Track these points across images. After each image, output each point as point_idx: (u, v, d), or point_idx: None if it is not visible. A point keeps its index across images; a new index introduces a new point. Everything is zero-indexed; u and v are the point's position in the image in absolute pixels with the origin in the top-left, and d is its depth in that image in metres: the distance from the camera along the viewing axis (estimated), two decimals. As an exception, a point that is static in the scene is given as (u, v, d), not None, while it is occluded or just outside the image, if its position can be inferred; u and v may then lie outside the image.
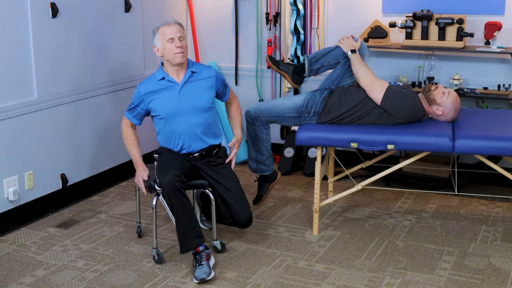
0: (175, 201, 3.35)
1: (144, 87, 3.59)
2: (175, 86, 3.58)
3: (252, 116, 3.92)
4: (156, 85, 3.58)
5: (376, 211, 4.30)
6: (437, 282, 3.32)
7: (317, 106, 3.83)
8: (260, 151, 3.98)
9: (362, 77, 3.79)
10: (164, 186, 3.36)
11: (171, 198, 3.36)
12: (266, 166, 4.01)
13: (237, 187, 3.61)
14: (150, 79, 3.63)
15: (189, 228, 3.36)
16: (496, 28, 4.47)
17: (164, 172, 3.44)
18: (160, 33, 3.54)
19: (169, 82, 3.58)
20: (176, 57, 3.51)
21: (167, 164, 3.52)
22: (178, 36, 3.52)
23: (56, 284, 3.29)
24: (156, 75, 3.61)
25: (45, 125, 4.13)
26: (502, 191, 4.63)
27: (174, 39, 3.50)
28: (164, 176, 3.39)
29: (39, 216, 4.16)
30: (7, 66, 3.82)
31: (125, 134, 3.68)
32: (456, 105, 3.84)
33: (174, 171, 3.41)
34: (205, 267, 3.31)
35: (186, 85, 3.59)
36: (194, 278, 3.30)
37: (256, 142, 3.97)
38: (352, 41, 3.89)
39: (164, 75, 3.58)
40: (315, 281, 3.33)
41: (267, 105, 3.93)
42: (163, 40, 3.53)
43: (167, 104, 3.56)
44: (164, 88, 3.58)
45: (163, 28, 3.54)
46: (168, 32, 3.52)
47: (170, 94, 3.57)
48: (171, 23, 3.56)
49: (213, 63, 5.45)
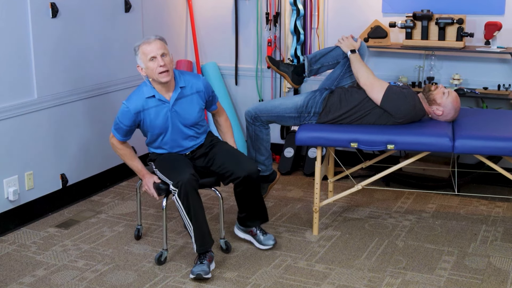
0: (193, 200, 3.31)
1: (133, 106, 3.41)
2: (165, 104, 3.45)
3: (252, 116, 3.92)
4: (145, 103, 3.42)
5: (376, 211, 4.30)
6: (437, 282, 3.32)
7: (317, 106, 3.83)
8: (260, 151, 3.98)
9: (362, 77, 3.79)
10: (182, 186, 3.29)
11: (188, 197, 3.30)
12: (266, 166, 4.01)
13: (233, 148, 3.65)
14: (138, 95, 3.44)
15: (206, 228, 3.38)
16: (496, 28, 4.47)
17: (178, 171, 3.37)
18: (141, 53, 3.38)
19: (159, 100, 3.45)
20: (161, 77, 3.36)
21: (176, 164, 3.46)
22: (160, 53, 3.35)
23: (56, 284, 3.29)
24: (145, 91, 3.44)
25: (45, 125, 4.13)
26: (502, 191, 4.63)
27: (156, 58, 3.34)
28: (179, 175, 3.33)
29: (39, 216, 4.16)
30: (7, 66, 3.82)
31: (120, 151, 3.57)
32: (456, 105, 3.84)
33: (189, 170, 3.37)
34: (205, 266, 3.32)
35: (176, 102, 3.47)
36: (191, 273, 3.31)
37: (255, 142, 3.97)
38: (352, 41, 3.89)
39: (154, 93, 3.43)
40: (315, 281, 3.33)
41: (267, 105, 3.93)
42: (145, 60, 3.36)
43: (157, 122, 3.46)
44: (154, 106, 3.44)
45: (143, 47, 3.37)
46: (148, 50, 3.35)
47: (161, 113, 3.45)
48: (151, 41, 3.38)
49: (213, 63, 5.45)
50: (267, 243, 3.68)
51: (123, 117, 3.46)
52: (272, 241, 3.68)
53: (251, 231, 3.71)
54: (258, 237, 3.70)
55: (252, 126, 3.95)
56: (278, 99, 3.97)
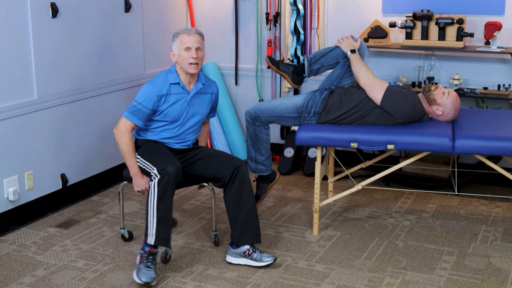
0: (169, 193, 3.29)
1: (159, 88, 3.47)
2: (185, 94, 3.53)
3: (252, 116, 3.92)
4: (169, 88, 3.50)
5: (376, 211, 4.30)
6: (437, 282, 3.32)
7: (317, 106, 3.83)
8: (260, 151, 3.98)
9: (362, 77, 3.79)
10: (166, 174, 3.27)
11: (167, 187, 3.28)
12: (265, 166, 4.01)
13: (214, 150, 3.67)
14: (163, 80, 3.50)
15: (170, 225, 3.36)
16: (496, 28, 4.47)
17: (167, 160, 3.36)
18: (179, 40, 3.49)
19: (182, 88, 3.52)
20: (190, 68, 3.47)
21: (165, 154, 3.45)
22: (195, 46, 3.46)
23: (56, 284, 3.29)
24: (170, 77, 3.51)
25: (45, 125, 4.13)
26: (502, 191, 4.63)
27: (191, 49, 3.45)
28: (167, 163, 3.31)
29: (39, 216, 4.16)
30: (7, 66, 3.82)
31: (124, 141, 3.45)
32: (456, 105, 3.84)
33: (177, 162, 3.37)
34: (152, 272, 3.26)
35: (195, 96, 3.57)
36: (136, 277, 3.24)
37: (255, 142, 3.97)
38: (352, 41, 3.89)
39: (179, 81, 3.51)
40: (315, 281, 3.33)
41: (267, 105, 3.93)
42: (180, 48, 3.47)
43: (176, 110, 3.52)
44: (176, 93, 3.51)
45: (182, 36, 3.48)
46: (186, 40, 3.46)
47: (180, 101, 3.52)
48: (192, 32, 3.50)
49: (213, 63, 5.45)
50: (266, 259, 3.46)
51: (146, 99, 3.46)
52: (272, 257, 3.47)
53: (246, 251, 3.49)
54: (254, 256, 3.48)
55: (252, 126, 3.95)
56: (278, 99, 3.97)
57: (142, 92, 3.48)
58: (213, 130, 5.35)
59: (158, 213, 3.30)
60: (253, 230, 3.50)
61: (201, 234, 3.93)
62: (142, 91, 3.48)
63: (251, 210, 3.51)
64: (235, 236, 3.50)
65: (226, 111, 5.37)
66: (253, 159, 4.00)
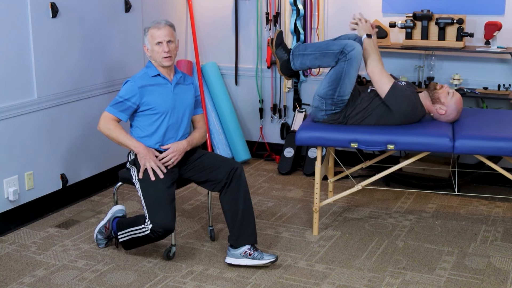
0: (149, 242, 3.48)
1: (138, 81, 3.51)
2: (168, 84, 3.57)
3: (293, 52, 3.83)
4: (150, 80, 3.54)
5: (376, 211, 4.30)
6: (437, 282, 3.32)
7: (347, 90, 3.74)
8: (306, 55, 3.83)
9: (372, 64, 3.72)
10: (158, 228, 3.34)
11: (152, 239, 3.42)
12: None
13: (210, 153, 3.70)
14: (142, 74, 3.56)
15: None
16: (496, 28, 4.46)
17: (158, 206, 3.37)
18: (149, 35, 3.52)
19: (163, 79, 3.57)
20: (164, 61, 3.50)
21: (161, 196, 3.40)
22: (166, 40, 3.48)
23: (56, 284, 3.29)
24: (149, 72, 3.56)
25: (45, 125, 4.13)
26: (502, 191, 4.63)
27: (162, 43, 3.48)
28: (161, 220, 3.34)
29: (39, 216, 4.16)
30: (7, 66, 3.82)
31: (110, 126, 3.45)
32: (459, 107, 3.84)
33: (171, 211, 3.37)
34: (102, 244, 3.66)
35: (176, 86, 3.60)
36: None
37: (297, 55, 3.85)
38: (370, 26, 3.83)
39: (159, 72, 3.56)
40: (315, 281, 3.33)
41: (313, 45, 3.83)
42: (152, 43, 3.51)
43: (163, 99, 3.54)
44: (158, 84, 3.55)
45: (152, 31, 3.51)
46: (157, 35, 3.49)
47: (164, 91, 3.55)
48: (161, 26, 3.50)
49: (213, 63, 5.45)
50: (267, 258, 3.45)
51: (128, 92, 3.49)
52: (273, 256, 3.46)
53: (246, 251, 3.47)
54: (255, 255, 3.47)
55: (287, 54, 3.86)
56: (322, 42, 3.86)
57: (123, 88, 3.53)
58: (213, 130, 5.35)
59: (132, 240, 3.51)
60: (251, 230, 3.51)
61: (201, 234, 3.93)
62: (123, 88, 3.53)
63: (248, 210, 3.53)
64: (234, 237, 3.50)
65: (226, 111, 5.36)
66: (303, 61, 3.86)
